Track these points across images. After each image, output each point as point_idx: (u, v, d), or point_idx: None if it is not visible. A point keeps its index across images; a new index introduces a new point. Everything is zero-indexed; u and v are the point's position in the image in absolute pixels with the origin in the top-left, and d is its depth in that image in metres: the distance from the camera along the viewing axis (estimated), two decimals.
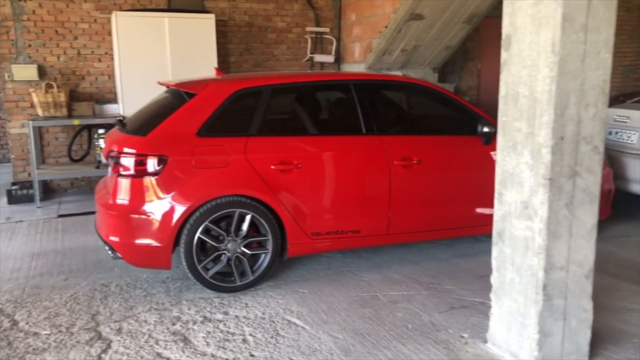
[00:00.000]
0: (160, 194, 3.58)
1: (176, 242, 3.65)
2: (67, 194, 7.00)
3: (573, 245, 2.74)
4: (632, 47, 10.52)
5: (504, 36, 2.78)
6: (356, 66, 7.70)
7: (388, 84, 4.33)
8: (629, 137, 5.39)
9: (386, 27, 6.81)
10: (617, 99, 10.39)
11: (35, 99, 6.39)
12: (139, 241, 3.62)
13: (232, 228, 3.74)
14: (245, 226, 3.75)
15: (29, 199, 6.46)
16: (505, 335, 2.95)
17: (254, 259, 3.84)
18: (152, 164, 3.57)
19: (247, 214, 3.73)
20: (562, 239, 2.70)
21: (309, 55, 7.94)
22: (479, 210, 4.38)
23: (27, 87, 6.67)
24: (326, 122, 4.18)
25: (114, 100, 7.07)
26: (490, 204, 4.35)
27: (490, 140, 4.29)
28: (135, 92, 6.47)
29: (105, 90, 7.07)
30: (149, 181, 3.58)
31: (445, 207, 4.28)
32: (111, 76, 7.05)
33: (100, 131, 6.57)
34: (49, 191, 6.96)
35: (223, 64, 7.39)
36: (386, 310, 3.50)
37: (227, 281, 3.80)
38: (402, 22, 6.60)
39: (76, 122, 6.37)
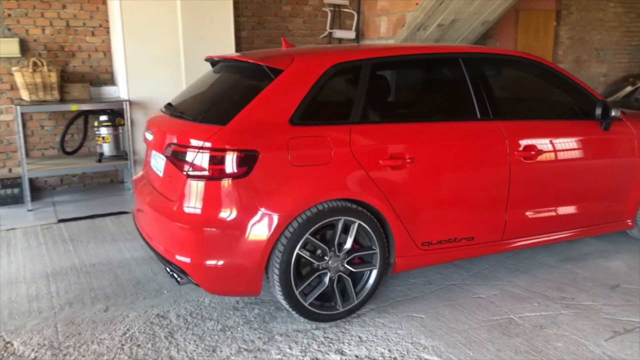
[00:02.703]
0: (248, 200, 2.73)
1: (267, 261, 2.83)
2: (57, 192, 5.93)
3: None
4: (639, 26, 10.20)
5: None
6: (383, 43, 6.93)
7: (506, 59, 3.58)
8: None
9: None
10: (626, 80, 10.10)
11: (19, 80, 5.28)
12: (219, 262, 2.77)
13: (336, 241, 2.94)
14: (350, 238, 2.96)
15: (15, 200, 5.38)
16: None
17: (354, 278, 3.07)
18: (237, 162, 2.71)
19: (354, 222, 2.94)
20: None
21: (328, 30, 7.10)
22: (603, 206, 3.77)
23: (7, 65, 5.53)
24: (439, 105, 3.41)
25: (110, 81, 6.03)
26: (612, 199, 3.83)
27: (609, 126, 3.66)
28: (143, 71, 5.48)
29: (100, 70, 6.01)
30: (233, 184, 2.72)
31: (564, 205, 3.62)
32: (107, 53, 5.99)
33: (102, 118, 5.55)
34: (34, 189, 5.87)
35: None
36: (539, 340, 2.81)
37: (327, 307, 3.01)
38: None
39: (74, 107, 5.31)
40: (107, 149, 5.63)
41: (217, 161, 2.73)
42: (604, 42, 9.79)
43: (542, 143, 3.42)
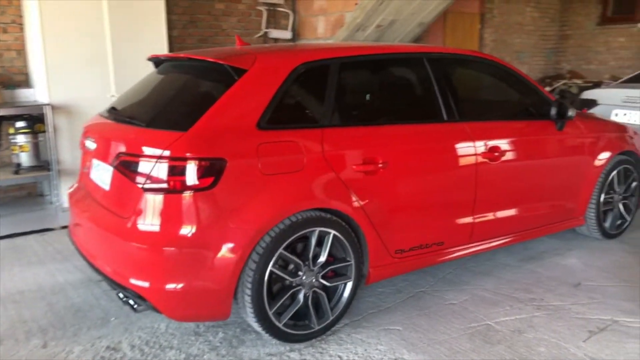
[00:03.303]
0: (215, 215, 2.45)
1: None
2: None
3: None
4: (554, 30, 10.78)
5: None
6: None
7: (466, 59, 3.51)
8: None
9: None
10: (543, 81, 10.62)
11: None
12: (183, 285, 2.47)
13: (310, 254, 2.72)
14: (325, 250, 2.76)
15: None
16: None
17: (328, 293, 2.86)
18: (202, 172, 2.43)
19: (328, 233, 2.74)
20: None
21: (263, 29, 6.84)
22: (560, 205, 3.81)
23: None
24: (409, 107, 3.26)
25: (25, 83, 5.43)
26: (567, 197, 3.87)
27: (564, 125, 3.71)
28: (66, 73, 4.96)
29: (13, 71, 5.39)
30: (198, 197, 2.43)
31: (526, 205, 3.62)
32: (21, 52, 5.39)
33: (19, 124, 4.97)
34: None
35: None
36: (521, 346, 2.75)
37: (301, 327, 2.78)
38: None
39: None
40: (25, 158, 5.05)
41: (178, 172, 2.43)
42: (523, 45, 10.23)
43: (505, 144, 3.39)
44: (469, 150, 3.22)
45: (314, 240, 2.70)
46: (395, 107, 3.21)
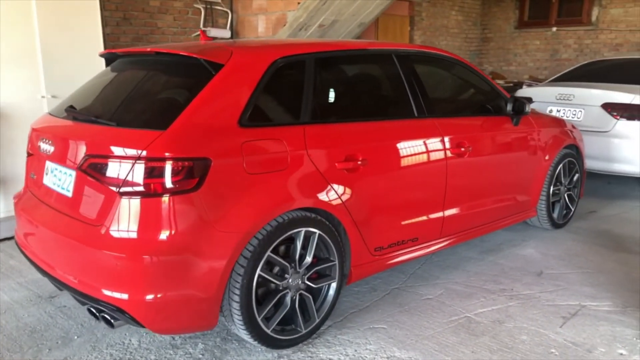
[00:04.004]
0: (200, 218, 2.30)
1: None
2: None
3: None
4: (476, 33, 11.28)
5: None
6: None
7: (431, 56, 3.52)
8: (574, 114, 5.48)
9: None
10: None
11: None
12: (167, 295, 2.29)
13: (297, 256, 2.62)
14: (310, 251, 2.67)
15: None
16: None
17: (313, 294, 2.77)
18: (185, 173, 2.26)
19: (314, 233, 2.65)
20: None
21: (201, 28, 6.60)
22: (518, 197, 3.95)
23: None
24: (384, 103, 3.23)
25: None
26: (524, 190, 3.98)
27: (519, 121, 3.85)
28: None
29: None
30: (181, 199, 2.27)
31: (490, 198, 3.71)
32: None
33: None
34: None
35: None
36: (505, 336, 2.80)
37: (288, 331, 2.67)
38: None
39: None
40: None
41: (159, 173, 2.25)
42: (449, 47, 10.61)
43: (470, 139, 3.46)
44: (440, 145, 3.25)
45: (300, 241, 2.60)
46: (372, 103, 3.18)
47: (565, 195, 4.46)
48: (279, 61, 2.68)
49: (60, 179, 2.61)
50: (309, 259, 2.66)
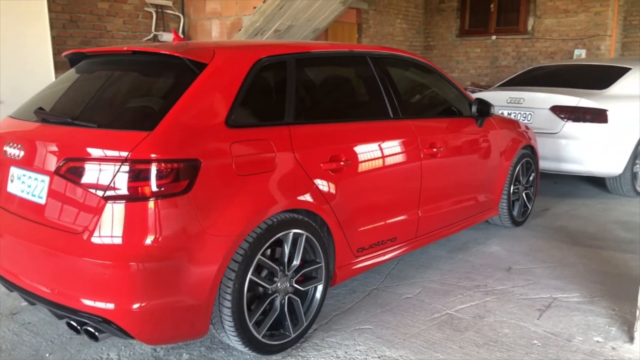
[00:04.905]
0: (190, 222, 2.21)
1: None
2: None
3: None
4: (420, 41, 11.60)
5: None
6: None
7: (402, 59, 3.56)
8: (524, 117, 5.73)
9: (265, 1, 5.89)
10: None
11: None
12: (157, 303, 2.18)
13: (285, 258, 2.58)
14: (298, 253, 2.63)
15: None
16: None
17: (301, 297, 2.73)
18: (175, 175, 2.18)
19: (301, 235, 2.62)
20: None
21: (153, 32, 6.42)
22: (484, 196, 4.06)
23: None
24: (364, 104, 3.23)
25: None
26: (488, 189, 4.09)
27: (484, 122, 3.98)
28: None
29: None
30: (170, 202, 2.18)
31: (460, 197, 3.80)
32: None
33: None
34: None
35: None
36: (488, 330, 2.86)
37: (277, 336, 2.61)
38: None
39: None
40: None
41: (147, 176, 2.15)
42: None
43: (442, 140, 3.53)
44: (416, 146, 3.30)
45: (288, 244, 2.56)
46: (352, 104, 3.19)
47: (524, 194, 4.64)
48: (262, 60, 2.64)
49: (30, 185, 2.44)
50: (296, 261, 2.62)
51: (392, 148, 3.14)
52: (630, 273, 3.60)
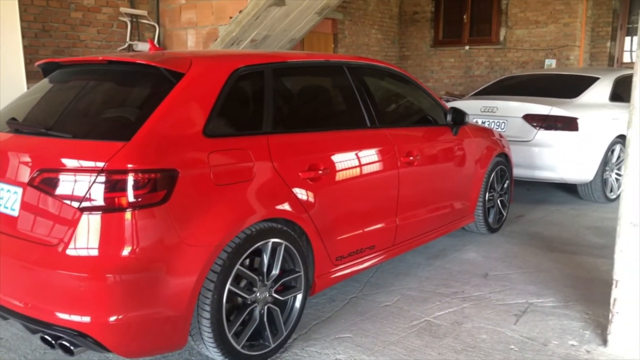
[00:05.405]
0: (168, 232, 2.20)
1: None
2: None
3: None
4: (395, 51, 11.74)
5: None
6: None
7: (378, 69, 3.60)
8: (498, 125, 5.83)
9: (241, 12, 5.90)
10: None
11: None
12: (135, 316, 2.16)
13: (264, 268, 2.57)
14: (278, 262, 2.62)
15: None
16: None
17: (280, 307, 2.72)
18: (152, 185, 2.16)
19: (280, 244, 2.61)
20: None
21: (127, 42, 6.37)
22: (460, 203, 4.11)
23: None
24: (341, 113, 3.25)
25: None
26: (464, 196, 4.14)
27: (458, 130, 4.04)
28: None
29: None
30: (147, 213, 2.16)
31: (437, 205, 3.84)
32: None
33: None
34: None
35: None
36: (466, 336, 2.89)
37: (257, 347, 2.60)
38: (264, 7, 5.82)
39: None
40: None
41: (123, 186, 2.13)
42: None
43: (418, 148, 3.57)
44: (393, 155, 3.33)
45: (267, 253, 2.56)
46: (330, 113, 3.21)
47: (498, 201, 4.71)
48: (240, 70, 2.64)
49: (2, 197, 2.39)
50: (275, 271, 2.61)
51: (370, 157, 3.16)
52: (602, 277, 3.67)
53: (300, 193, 2.71)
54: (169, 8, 6.63)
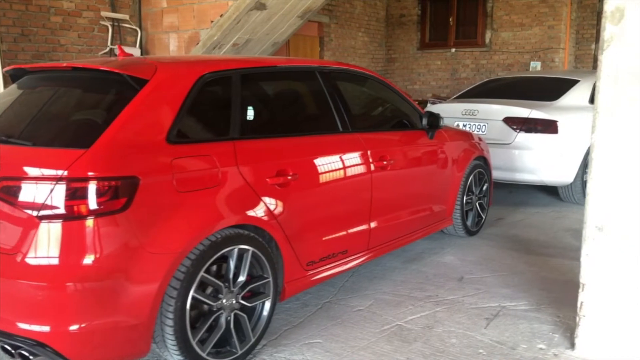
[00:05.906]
0: (129, 240, 2.19)
1: None
2: None
3: None
4: (382, 53, 11.76)
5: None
6: None
7: (351, 73, 3.61)
8: (479, 128, 5.85)
9: (222, 15, 5.90)
10: None
11: None
12: (95, 324, 2.15)
13: (230, 275, 2.56)
14: (244, 269, 2.62)
15: None
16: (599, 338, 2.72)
17: (247, 313, 2.72)
18: (112, 193, 2.15)
19: (247, 250, 2.61)
20: None
21: (109, 46, 6.35)
22: (437, 207, 4.12)
23: None
24: (310, 118, 3.26)
25: None
26: (441, 200, 4.15)
27: (434, 134, 4.05)
28: None
29: None
30: (108, 221, 2.15)
31: (411, 208, 3.85)
32: None
33: None
34: None
35: None
36: (436, 340, 2.90)
37: (223, 354, 2.59)
38: (245, 11, 5.81)
39: None
40: None
41: (83, 194, 2.12)
42: None
43: (392, 153, 3.57)
44: (365, 159, 3.33)
45: (234, 260, 2.55)
46: (299, 118, 3.21)
47: (477, 204, 4.72)
48: (206, 76, 2.64)
49: None
50: (242, 277, 2.60)
51: (341, 162, 3.16)
52: (577, 280, 3.67)
53: (268, 199, 2.71)
54: (150, 12, 6.62)
